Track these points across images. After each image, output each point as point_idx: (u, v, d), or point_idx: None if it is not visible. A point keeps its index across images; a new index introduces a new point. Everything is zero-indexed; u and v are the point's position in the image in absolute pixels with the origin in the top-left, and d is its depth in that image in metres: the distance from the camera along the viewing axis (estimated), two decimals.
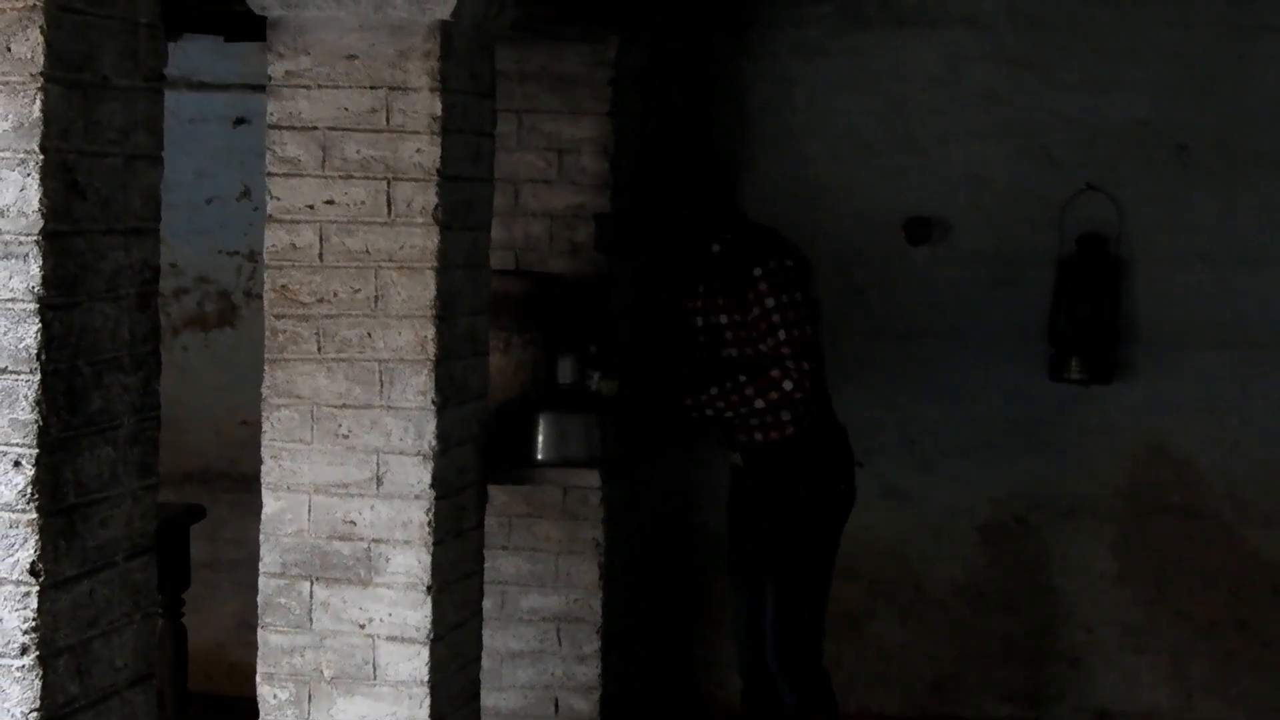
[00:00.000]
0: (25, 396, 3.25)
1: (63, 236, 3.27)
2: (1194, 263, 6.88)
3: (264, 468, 5.06)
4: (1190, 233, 6.88)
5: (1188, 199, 6.89)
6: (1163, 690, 6.93)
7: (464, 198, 5.13)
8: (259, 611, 5.10)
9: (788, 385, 5.77)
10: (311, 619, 5.06)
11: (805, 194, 7.14)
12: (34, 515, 3.26)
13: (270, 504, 5.06)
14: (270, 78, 5.03)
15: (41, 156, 3.22)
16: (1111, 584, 6.97)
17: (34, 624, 3.28)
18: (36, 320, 3.24)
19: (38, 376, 3.25)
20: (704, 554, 7.21)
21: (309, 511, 5.04)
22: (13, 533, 3.27)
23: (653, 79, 7.02)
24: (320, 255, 5.02)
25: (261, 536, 5.07)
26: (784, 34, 7.13)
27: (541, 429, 5.77)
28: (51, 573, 3.29)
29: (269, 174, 5.03)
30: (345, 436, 5.02)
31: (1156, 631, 6.90)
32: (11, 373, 3.25)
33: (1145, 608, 6.89)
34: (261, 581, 5.09)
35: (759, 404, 5.82)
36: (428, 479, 5.00)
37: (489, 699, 6.17)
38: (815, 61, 7.10)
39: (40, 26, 3.20)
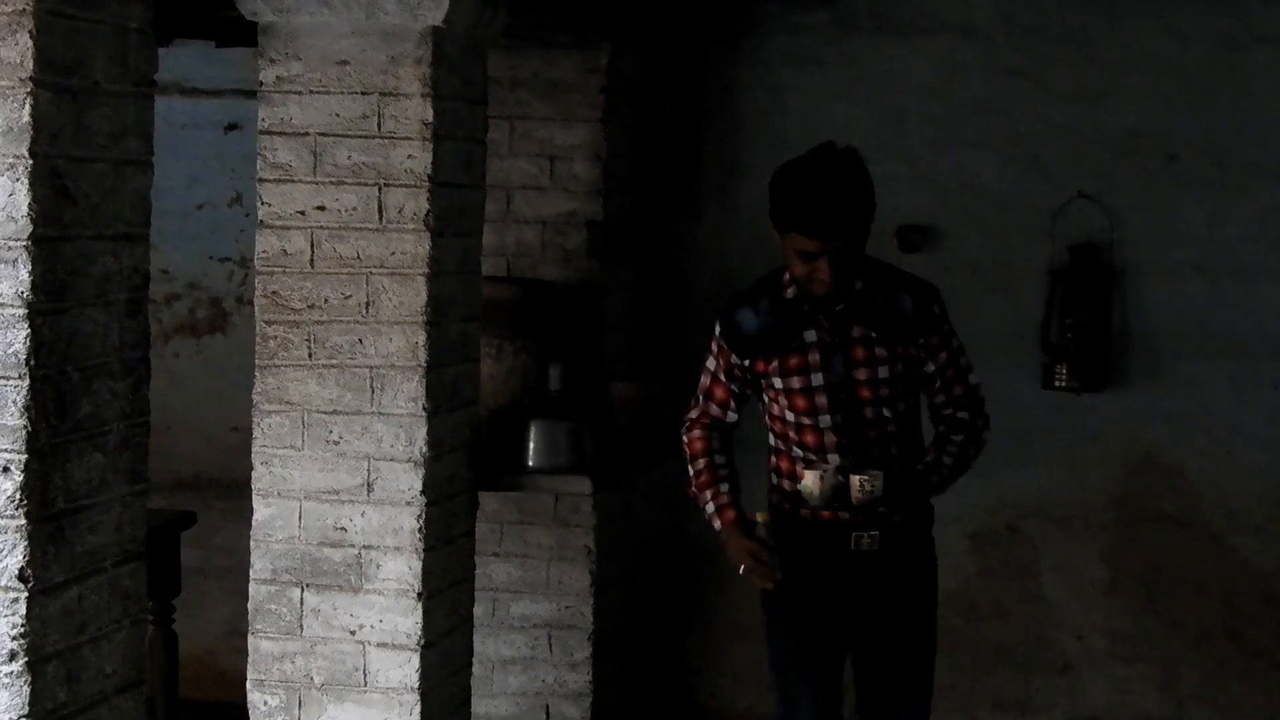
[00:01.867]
0: (14, 402, 3.25)
1: (52, 242, 3.27)
2: (1186, 272, 6.88)
3: (255, 474, 5.06)
4: (1182, 242, 6.88)
5: (1179, 208, 6.89)
6: (1153, 699, 6.92)
7: (455, 204, 5.12)
8: (249, 618, 5.09)
9: (987, 435, 4.97)
10: (302, 625, 5.06)
11: None
12: (23, 521, 3.26)
13: (261, 510, 5.06)
14: (261, 83, 5.03)
15: (31, 161, 3.22)
16: (1102, 592, 6.96)
17: (23, 630, 3.28)
18: (25, 325, 3.24)
19: (26, 382, 3.25)
20: (696, 562, 7.21)
21: (300, 518, 5.04)
22: (2, 538, 3.26)
23: (647, 87, 7.02)
24: (311, 261, 5.02)
25: (252, 543, 5.07)
26: (778, 42, 7.13)
27: (533, 436, 5.77)
28: (41, 579, 3.29)
29: (260, 180, 5.03)
30: (336, 443, 5.02)
31: (1147, 640, 6.90)
32: (0, 378, 3.25)
33: (1136, 616, 6.88)
34: (252, 588, 5.08)
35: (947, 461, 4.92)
36: (418, 485, 5.00)
37: (480, 706, 6.16)
38: (809, 70, 7.10)
39: (30, 31, 3.20)
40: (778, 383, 4.90)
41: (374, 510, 5.01)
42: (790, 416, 4.91)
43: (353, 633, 5.03)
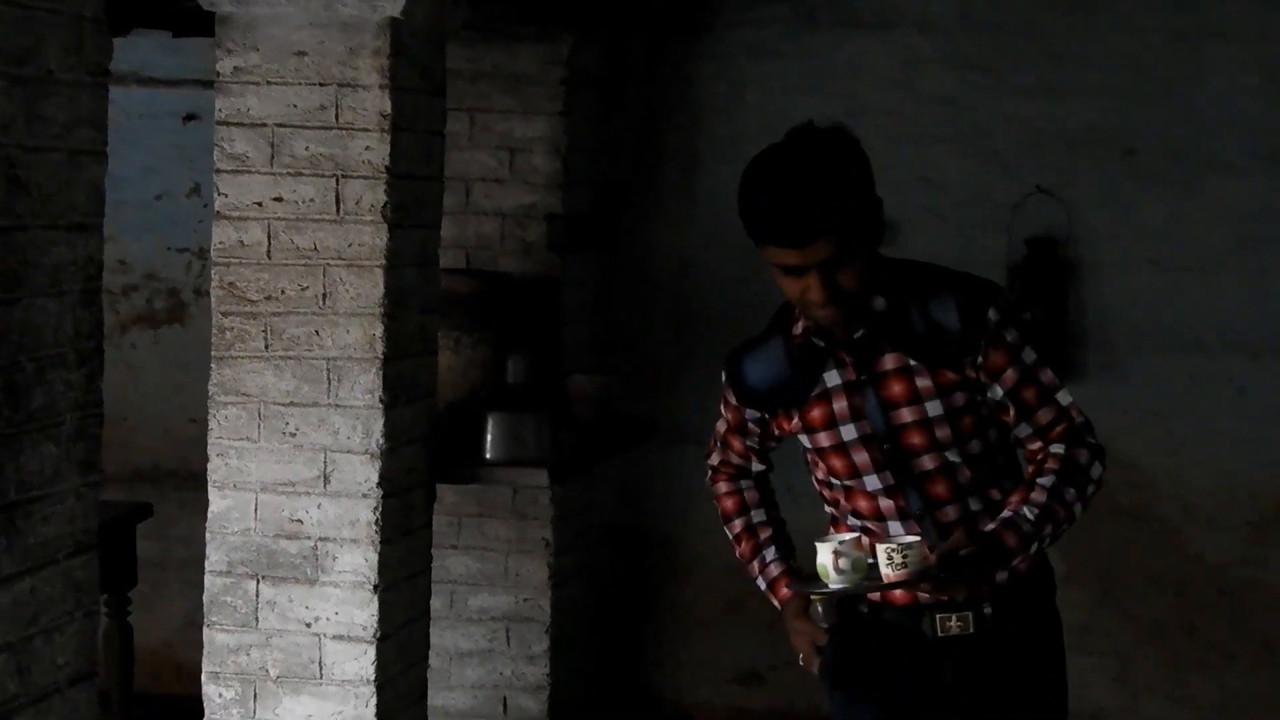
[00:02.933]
0: None
1: (4, 232, 3.25)
2: (1143, 267, 6.90)
3: (210, 466, 5.04)
4: (1139, 237, 6.90)
5: (1137, 203, 6.91)
6: (1108, 691, 6.94)
7: (414, 196, 5.12)
8: (205, 610, 5.08)
9: (1097, 470, 3.75)
10: (258, 618, 5.05)
11: None
12: None
13: (217, 502, 5.04)
14: (219, 74, 5.02)
15: None
16: (1059, 585, 6.97)
17: None
18: None
19: None
20: (654, 555, 7.21)
21: (256, 510, 5.03)
22: None
23: (608, 79, 7.02)
24: (268, 252, 5.01)
25: (207, 535, 5.06)
26: (739, 35, 7.13)
27: (491, 428, 5.76)
28: None
29: (217, 170, 5.02)
30: (293, 435, 5.01)
31: (1103, 633, 6.92)
32: None
33: (1091, 609, 6.90)
34: (207, 580, 5.07)
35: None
36: (375, 478, 4.99)
37: (437, 698, 6.16)
38: (769, 63, 7.11)
39: None
40: (806, 441, 3.87)
41: (330, 502, 5.01)
42: (835, 481, 3.87)
43: (309, 625, 5.02)
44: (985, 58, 6.97)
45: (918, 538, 3.64)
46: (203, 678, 5.09)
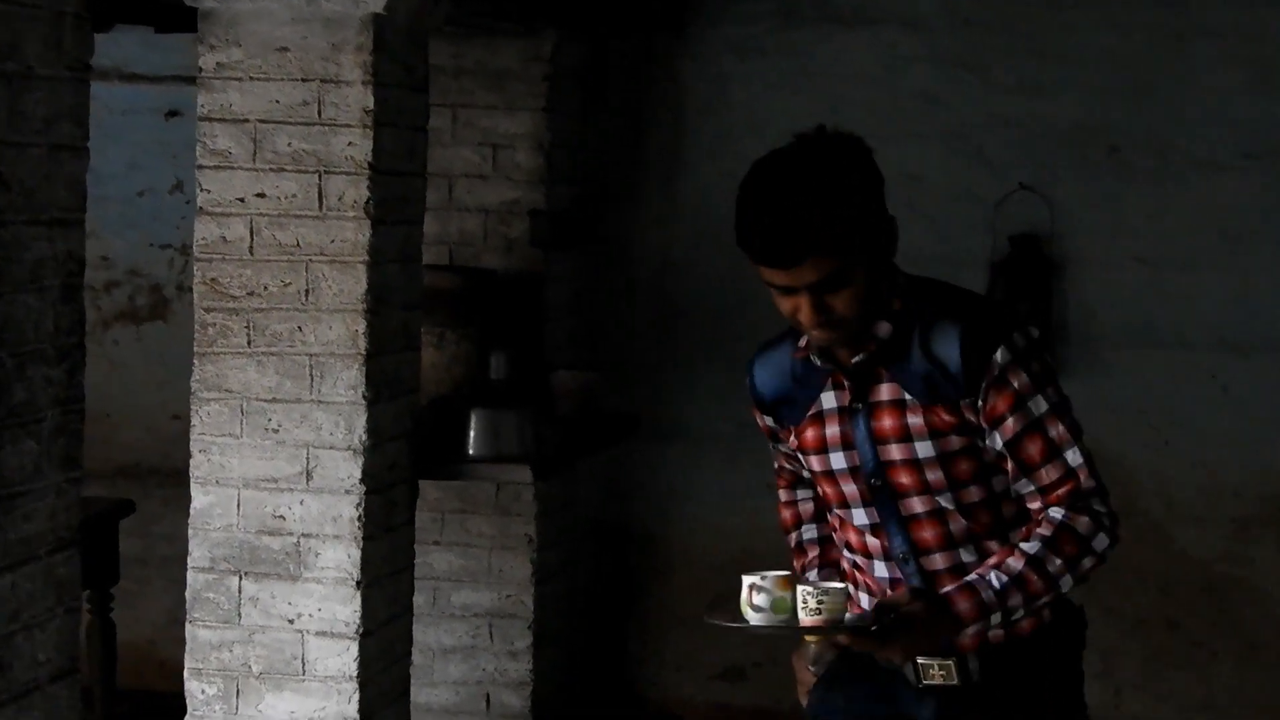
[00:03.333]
0: None
1: None
2: (1126, 263, 6.91)
3: (193, 462, 5.04)
4: (1123, 234, 6.91)
5: (1121, 200, 6.91)
6: (1092, 687, 6.85)
7: (396, 192, 5.11)
8: (187, 606, 5.07)
9: (1101, 543, 3.45)
10: (240, 614, 5.04)
11: None
12: None
13: (199, 498, 5.04)
14: (201, 69, 5.01)
15: None
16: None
17: None
18: None
19: None
20: (638, 551, 7.21)
21: (238, 506, 5.02)
22: None
23: (591, 76, 7.01)
24: (251, 248, 5.00)
25: (190, 531, 5.05)
26: (722, 33, 7.12)
27: (474, 424, 5.75)
28: None
29: (199, 166, 5.01)
30: (275, 431, 5.00)
31: (1087, 628, 6.91)
32: None
33: None
34: (190, 576, 5.06)
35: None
36: (358, 474, 4.99)
37: (420, 695, 6.15)
38: (752, 60, 7.10)
39: None
40: (803, 460, 3.64)
41: (313, 499, 5.00)
42: (831, 506, 3.63)
43: (291, 621, 5.01)
44: (969, 55, 6.97)
45: (841, 584, 3.36)
46: (185, 674, 5.08)
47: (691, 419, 7.09)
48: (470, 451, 5.74)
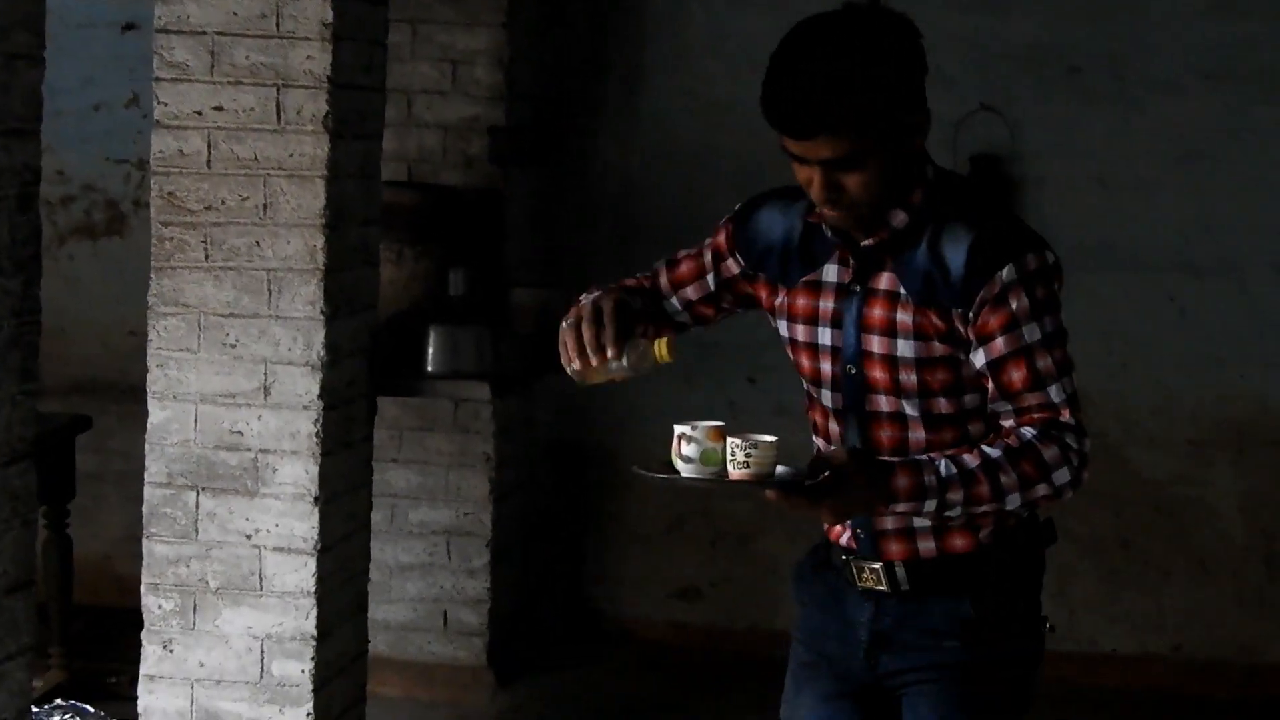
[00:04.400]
0: None
1: None
2: (1085, 184, 6.92)
3: (150, 377, 5.01)
4: (1082, 155, 6.91)
5: (1080, 121, 6.91)
6: (1047, 606, 6.96)
7: (355, 107, 5.08)
8: (144, 522, 5.06)
9: (1062, 477, 3.29)
10: (197, 529, 5.03)
11: (703, 112, 7.11)
12: None
13: (156, 413, 5.02)
14: None
15: None
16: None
17: None
18: None
19: None
20: (595, 470, 7.21)
21: (195, 421, 5.00)
22: None
23: None
24: (208, 162, 4.96)
25: (147, 446, 5.03)
26: None
27: (433, 341, 5.75)
28: None
29: (156, 79, 4.97)
30: (233, 346, 4.98)
31: None
32: None
33: None
34: (147, 491, 5.05)
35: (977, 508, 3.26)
36: (316, 390, 4.97)
37: (378, 611, 6.16)
38: None
39: None
40: (783, 327, 3.48)
41: (271, 414, 4.98)
42: (804, 381, 3.49)
43: (249, 537, 5.01)
44: None
45: (772, 438, 3.17)
46: (142, 589, 5.07)
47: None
48: (429, 368, 5.74)
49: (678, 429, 3.23)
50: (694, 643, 7.16)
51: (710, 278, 3.54)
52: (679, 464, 3.23)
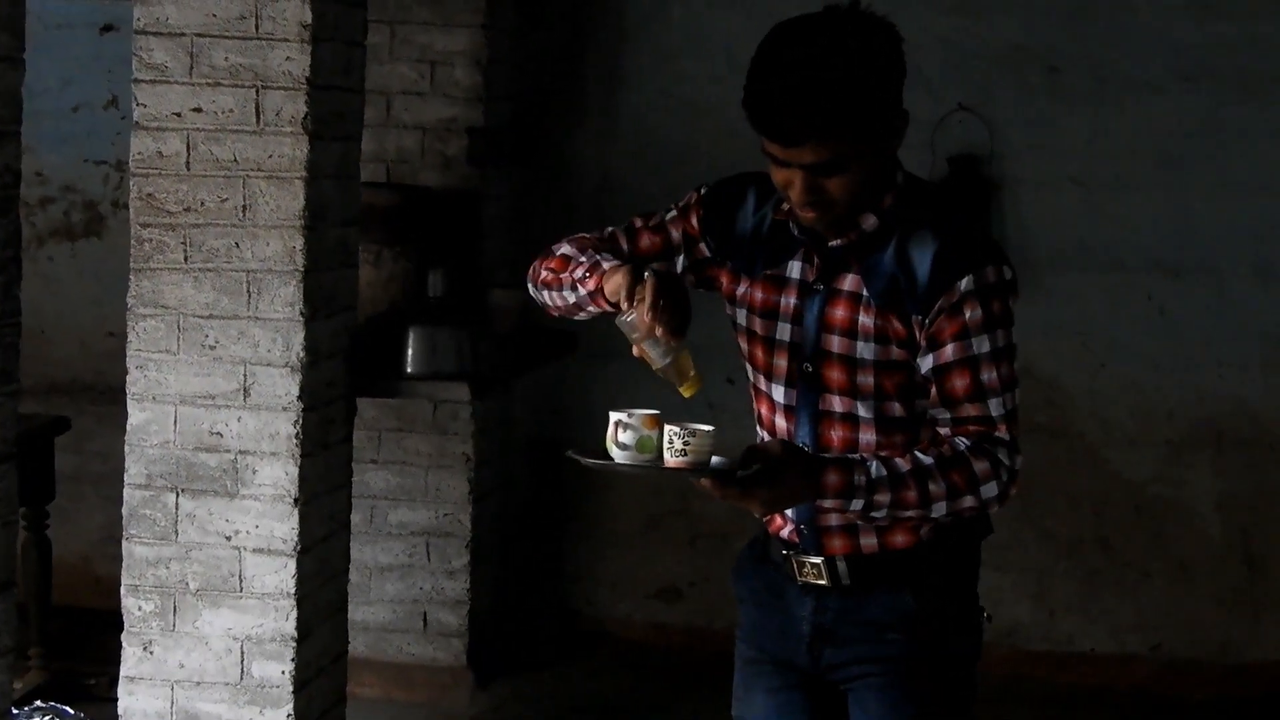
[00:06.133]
0: None
1: None
2: (1064, 185, 6.93)
3: (129, 378, 5.01)
4: (1060, 155, 6.92)
5: (1059, 121, 6.92)
6: (1026, 607, 7.00)
7: (334, 108, 5.08)
8: (124, 523, 5.05)
9: (989, 491, 3.28)
10: (177, 531, 5.03)
11: (682, 112, 7.11)
12: None
13: (136, 415, 5.01)
14: None
15: None
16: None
17: None
18: None
19: None
20: (574, 471, 7.20)
21: (175, 423, 5.00)
22: None
23: None
24: (187, 164, 4.96)
25: (127, 448, 5.03)
26: None
27: (411, 342, 5.74)
28: None
29: (135, 80, 4.96)
30: (212, 347, 4.98)
31: (1020, 549, 6.97)
32: None
33: (1010, 526, 6.94)
34: (126, 493, 5.05)
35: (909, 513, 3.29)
36: (295, 391, 4.97)
37: (357, 612, 6.16)
38: None
39: None
40: (740, 316, 3.48)
41: (250, 415, 4.98)
42: (750, 371, 3.51)
43: (228, 538, 5.01)
44: None
45: (709, 427, 3.20)
46: (122, 591, 5.07)
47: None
48: (408, 369, 5.73)
49: (614, 416, 3.24)
50: (674, 643, 7.16)
51: (681, 259, 3.50)
52: (614, 450, 3.25)
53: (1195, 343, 6.90)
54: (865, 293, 3.32)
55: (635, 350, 3.31)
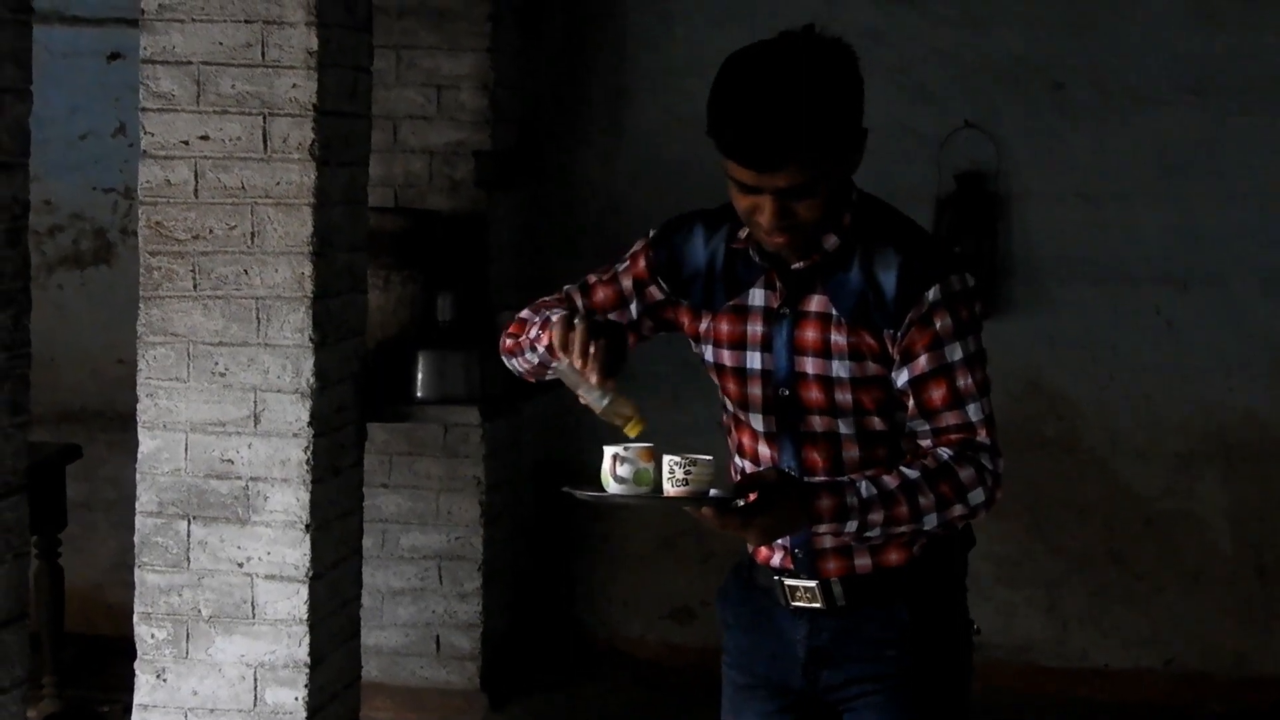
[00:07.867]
0: None
1: None
2: (1070, 199, 6.93)
3: (140, 406, 5.02)
4: (1066, 169, 6.93)
5: (1064, 136, 6.93)
6: (1038, 622, 6.99)
7: (341, 133, 5.09)
8: (136, 551, 5.06)
9: (977, 497, 3.34)
10: (189, 558, 5.04)
11: (686, 131, 7.10)
12: None
13: (147, 443, 5.02)
14: (144, 11, 4.98)
15: None
16: (987, 517, 7.02)
17: None
18: None
19: None
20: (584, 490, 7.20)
21: (186, 450, 5.01)
22: None
23: (533, 14, 6.99)
24: (195, 191, 4.98)
25: (138, 475, 5.04)
26: None
27: (421, 366, 5.75)
28: None
29: (143, 109, 4.98)
30: (222, 374, 4.99)
31: (1031, 564, 6.96)
32: None
33: (1020, 541, 6.95)
34: (138, 520, 5.06)
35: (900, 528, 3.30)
36: (306, 417, 4.98)
37: (370, 637, 6.16)
38: None
39: None
40: (708, 352, 3.47)
41: (261, 442, 4.99)
42: (728, 404, 3.49)
43: (240, 565, 5.01)
44: None
45: (709, 456, 3.19)
46: (135, 618, 5.08)
47: (635, 358, 7.04)
48: (418, 393, 5.75)
49: (609, 450, 3.26)
50: (687, 662, 7.15)
51: (634, 305, 3.52)
52: (611, 484, 3.26)
53: (1203, 354, 6.89)
54: (834, 311, 3.33)
55: (580, 398, 3.32)
